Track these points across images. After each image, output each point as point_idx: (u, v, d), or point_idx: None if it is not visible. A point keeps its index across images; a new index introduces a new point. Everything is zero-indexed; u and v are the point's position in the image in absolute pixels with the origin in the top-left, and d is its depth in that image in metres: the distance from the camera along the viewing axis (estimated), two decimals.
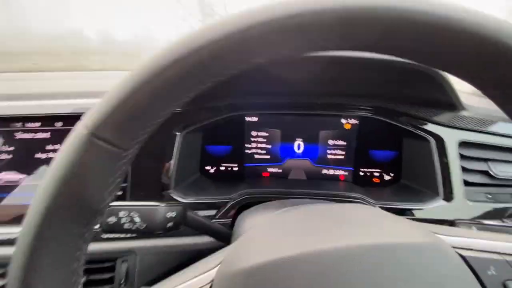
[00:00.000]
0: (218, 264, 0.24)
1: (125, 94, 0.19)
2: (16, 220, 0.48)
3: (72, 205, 0.20)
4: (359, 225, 0.24)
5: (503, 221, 0.45)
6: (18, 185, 0.49)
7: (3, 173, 0.49)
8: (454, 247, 0.23)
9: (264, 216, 0.38)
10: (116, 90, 0.19)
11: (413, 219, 0.47)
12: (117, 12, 1.28)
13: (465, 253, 0.23)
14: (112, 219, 0.33)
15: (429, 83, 0.46)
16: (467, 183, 0.49)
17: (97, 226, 0.23)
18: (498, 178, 0.49)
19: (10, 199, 0.49)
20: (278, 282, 0.20)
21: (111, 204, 0.33)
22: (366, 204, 0.50)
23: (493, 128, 0.49)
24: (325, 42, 0.17)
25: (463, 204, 0.48)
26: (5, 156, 0.49)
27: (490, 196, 0.49)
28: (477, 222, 0.42)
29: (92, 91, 0.52)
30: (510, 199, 0.49)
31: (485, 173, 0.49)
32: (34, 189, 0.46)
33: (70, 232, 0.21)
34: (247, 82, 0.51)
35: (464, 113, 0.51)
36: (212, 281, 0.23)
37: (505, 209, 0.48)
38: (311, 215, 0.26)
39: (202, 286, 0.23)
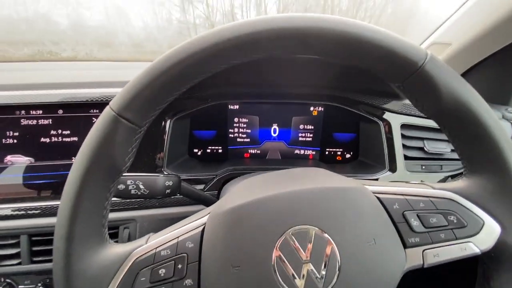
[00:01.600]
0: (209, 213, 0.33)
1: (142, 85, 0.28)
2: (27, 195, 0.55)
3: (103, 167, 0.28)
4: (307, 178, 0.34)
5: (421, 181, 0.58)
6: (25, 165, 0.55)
7: (10, 155, 0.54)
8: (373, 192, 0.33)
9: (243, 180, 0.47)
10: (136, 81, 0.28)
11: None
12: None
13: (379, 195, 0.33)
14: (121, 186, 0.41)
15: (375, 77, 0.56)
16: (406, 157, 0.61)
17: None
18: (430, 153, 0.61)
19: (18, 179, 0.55)
20: (252, 215, 0.29)
21: None
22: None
23: None
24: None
25: (404, 174, 0.61)
26: (11, 141, 0.54)
27: (424, 167, 0.61)
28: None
29: (88, 81, 0.58)
30: (438, 169, 0.62)
31: (421, 149, 0.61)
32: (39, 169, 0.53)
33: (101, 186, 0.29)
34: (230, 74, 0.59)
35: (406, 101, 0.62)
36: (205, 223, 0.32)
37: (435, 177, 0.61)
38: (276, 174, 0.36)
39: (198, 227, 0.32)
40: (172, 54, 0.28)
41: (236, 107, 0.68)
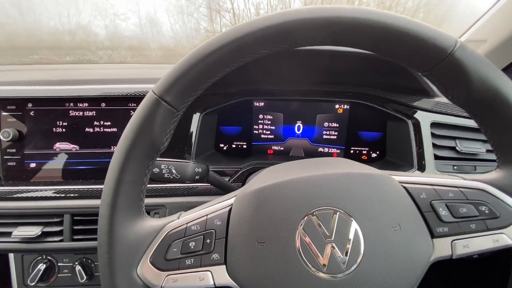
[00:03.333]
0: (236, 195, 0.35)
1: (181, 72, 0.30)
2: (71, 179, 0.61)
3: (144, 145, 0.31)
4: (332, 165, 0.34)
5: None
6: (70, 152, 0.61)
7: (59, 143, 0.61)
8: (399, 181, 0.33)
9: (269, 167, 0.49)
10: (176, 68, 0.31)
11: None
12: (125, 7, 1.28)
13: (405, 185, 0.33)
14: (156, 170, 0.44)
15: (404, 74, 0.56)
16: (437, 157, 0.59)
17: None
18: (462, 153, 0.58)
19: (65, 164, 0.61)
20: (277, 195, 0.30)
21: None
22: None
23: (461, 111, 0.59)
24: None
25: (434, 174, 0.58)
26: (60, 130, 0.60)
27: (456, 168, 0.59)
28: None
29: (125, 78, 0.64)
30: (471, 170, 0.59)
31: (453, 148, 0.59)
32: (83, 156, 0.58)
33: (142, 162, 0.32)
34: (256, 72, 0.62)
35: (436, 99, 0.61)
36: (232, 204, 0.34)
37: None
38: (302, 161, 0.37)
39: (225, 207, 0.34)
40: (207, 45, 0.30)
41: (261, 104, 0.70)
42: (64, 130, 0.61)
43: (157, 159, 0.46)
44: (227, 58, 0.30)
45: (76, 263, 0.63)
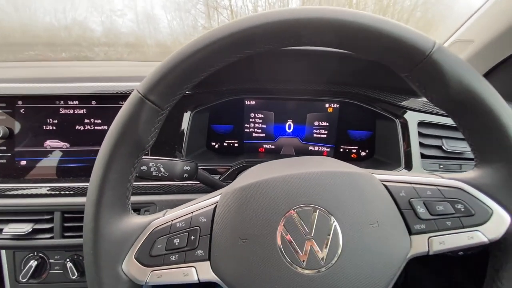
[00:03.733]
0: (221, 193, 0.35)
1: (165, 71, 0.31)
2: (60, 177, 0.61)
3: (129, 144, 0.32)
4: (316, 163, 0.35)
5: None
6: (61, 150, 0.61)
7: (49, 140, 0.61)
8: (380, 180, 0.34)
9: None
10: (159, 68, 0.31)
11: None
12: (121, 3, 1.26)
13: (386, 183, 0.34)
14: (144, 168, 0.45)
15: (392, 74, 0.56)
16: (423, 156, 0.60)
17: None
18: (448, 152, 0.60)
19: (55, 161, 0.61)
20: (260, 193, 0.31)
21: (143, 157, 0.45)
22: None
23: None
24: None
25: (420, 172, 0.60)
26: (51, 127, 0.61)
27: (442, 166, 0.60)
28: None
29: (116, 76, 0.64)
30: (457, 168, 0.60)
31: (439, 147, 0.60)
32: (73, 154, 0.58)
33: (127, 160, 0.32)
34: (246, 71, 0.62)
35: (424, 99, 0.61)
36: (217, 202, 0.34)
37: None
38: (285, 160, 0.38)
39: (211, 204, 0.34)
40: (191, 44, 0.31)
41: (253, 102, 0.71)
42: (54, 127, 0.61)
43: (146, 157, 0.46)
44: (212, 58, 0.31)
45: (68, 260, 0.63)
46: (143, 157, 0.46)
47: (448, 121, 0.60)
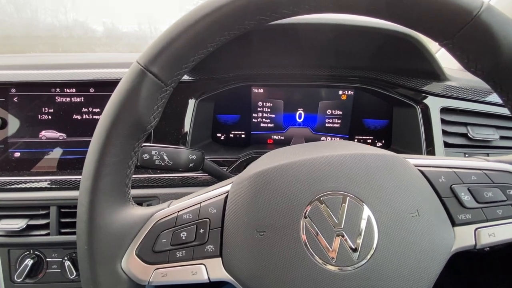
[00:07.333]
0: (232, 182, 0.31)
1: (169, 39, 0.27)
2: (59, 169, 0.57)
3: (128, 123, 0.28)
4: (341, 146, 0.31)
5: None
6: (57, 141, 0.57)
7: (45, 131, 0.57)
8: (414, 165, 0.30)
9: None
10: (163, 35, 0.27)
11: None
12: (123, 4, 1.28)
13: (422, 168, 0.29)
14: (146, 156, 0.40)
15: (414, 54, 0.52)
16: (447, 145, 0.55)
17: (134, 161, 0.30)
18: (475, 139, 0.55)
19: (50, 153, 0.57)
20: (278, 179, 0.27)
21: (145, 144, 0.41)
22: None
23: (473, 96, 0.56)
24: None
25: None
26: (46, 117, 0.57)
27: (467, 155, 0.55)
28: None
29: (116, 62, 0.60)
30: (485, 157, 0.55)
31: (464, 135, 0.56)
32: (70, 145, 0.54)
33: (126, 142, 0.28)
34: (254, 55, 0.58)
35: (447, 83, 0.57)
36: (228, 191, 0.30)
37: None
38: (305, 144, 0.34)
39: (221, 194, 0.30)
40: (198, 9, 0.27)
41: (260, 90, 0.66)
42: (50, 117, 0.57)
43: (148, 144, 0.42)
44: (222, 24, 0.27)
45: (65, 258, 0.59)
46: (145, 144, 0.42)
47: (474, 106, 0.56)
